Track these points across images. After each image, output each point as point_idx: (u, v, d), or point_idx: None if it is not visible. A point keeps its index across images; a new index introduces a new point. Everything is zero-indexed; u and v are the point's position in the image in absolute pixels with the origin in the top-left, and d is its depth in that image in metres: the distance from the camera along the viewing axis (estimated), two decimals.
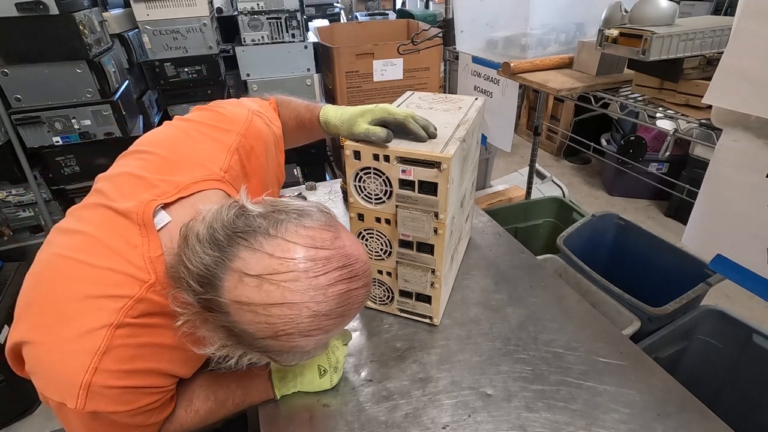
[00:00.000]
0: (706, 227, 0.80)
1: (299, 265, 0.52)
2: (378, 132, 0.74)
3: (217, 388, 0.73)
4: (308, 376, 0.76)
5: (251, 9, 2.07)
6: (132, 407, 0.58)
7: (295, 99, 0.91)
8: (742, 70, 0.64)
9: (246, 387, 0.75)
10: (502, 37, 1.30)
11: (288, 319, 0.51)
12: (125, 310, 0.55)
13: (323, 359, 0.76)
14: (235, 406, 0.74)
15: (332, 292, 0.53)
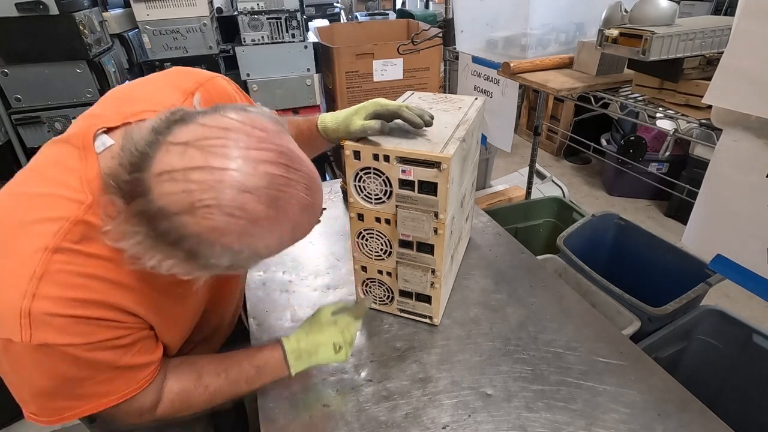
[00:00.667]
0: (706, 227, 0.80)
1: (231, 134, 0.48)
2: (372, 124, 0.76)
3: (228, 365, 0.72)
4: (323, 354, 0.75)
5: (251, 9, 2.06)
6: (89, 340, 0.54)
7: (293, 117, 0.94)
8: (742, 70, 0.64)
9: (260, 367, 0.73)
10: (502, 37, 1.30)
11: (207, 185, 0.45)
12: (62, 233, 0.51)
13: (338, 336, 0.75)
14: (248, 385, 0.72)
15: (263, 169, 0.48)
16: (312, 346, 0.74)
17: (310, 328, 0.76)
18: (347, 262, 1.11)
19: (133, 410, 0.64)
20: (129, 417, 0.65)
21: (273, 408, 0.76)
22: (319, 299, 1.00)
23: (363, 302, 0.82)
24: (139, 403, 0.64)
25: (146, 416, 0.66)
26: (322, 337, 0.75)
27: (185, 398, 0.68)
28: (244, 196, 0.46)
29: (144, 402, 0.64)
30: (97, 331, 0.55)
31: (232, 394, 0.72)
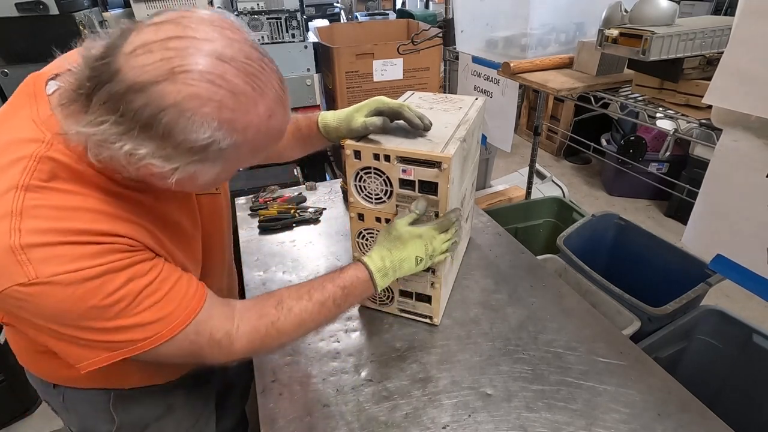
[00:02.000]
0: (706, 227, 0.80)
1: (205, 18, 0.49)
2: (374, 121, 0.77)
3: (311, 288, 0.69)
4: (406, 268, 0.74)
5: (251, 9, 2.07)
6: (99, 262, 0.51)
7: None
8: (742, 70, 0.64)
9: (346, 287, 0.70)
10: (502, 37, 1.30)
11: (187, 52, 0.45)
12: (29, 172, 0.50)
13: (421, 250, 0.74)
14: (336, 306, 0.69)
15: (240, 46, 0.49)
16: (397, 263, 0.73)
17: (393, 245, 0.73)
18: (347, 262, 1.11)
19: (205, 340, 0.60)
20: (209, 350, 0.61)
21: (273, 408, 0.76)
22: None
23: (448, 214, 0.77)
24: (207, 328, 0.60)
25: (226, 349, 0.62)
26: (405, 253, 0.73)
27: (268, 323, 0.64)
28: (224, 65, 0.47)
29: (213, 328, 0.61)
30: (102, 253, 0.52)
31: (322, 317, 0.68)
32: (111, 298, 0.52)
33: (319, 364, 0.83)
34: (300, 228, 1.26)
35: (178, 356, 0.60)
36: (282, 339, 0.66)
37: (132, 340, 0.55)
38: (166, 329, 0.57)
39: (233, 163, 0.55)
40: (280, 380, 0.80)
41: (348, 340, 0.89)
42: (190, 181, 0.54)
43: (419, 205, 0.76)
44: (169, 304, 0.57)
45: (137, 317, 0.55)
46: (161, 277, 0.57)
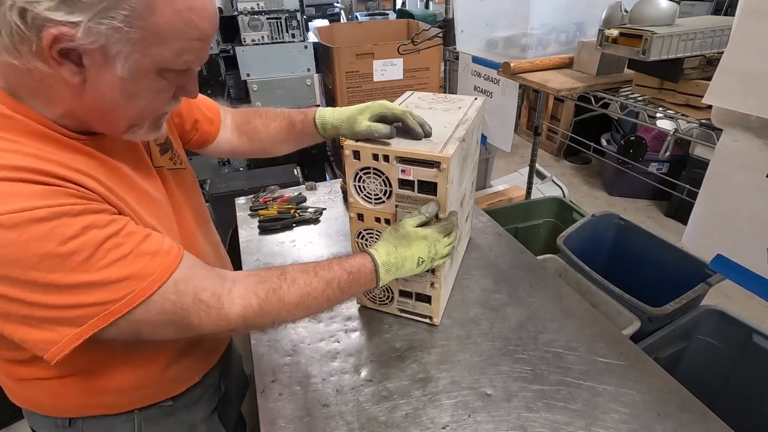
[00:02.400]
0: (706, 227, 0.80)
1: None
2: (381, 129, 0.76)
3: (317, 266, 0.66)
4: (408, 268, 0.73)
5: (251, 9, 2.07)
6: (46, 203, 0.46)
7: (282, 108, 0.93)
8: (742, 70, 0.64)
9: (352, 272, 0.68)
10: (502, 37, 1.30)
11: None
12: None
13: (424, 252, 0.73)
14: (340, 290, 0.67)
15: None
16: (400, 261, 0.72)
17: (399, 243, 0.73)
18: None
19: (189, 300, 0.55)
20: (196, 312, 0.55)
21: (273, 408, 0.76)
22: None
23: (451, 217, 0.77)
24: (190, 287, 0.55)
25: (216, 311, 0.56)
26: (410, 252, 0.72)
27: (269, 289, 0.60)
28: None
29: (198, 287, 0.56)
30: (51, 194, 0.47)
31: (324, 298, 0.65)
32: (67, 246, 0.47)
33: (319, 364, 0.83)
34: (300, 228, 1.26)
35: (161, 323, 0.54)
36: (282, 312, 0.61)
37: (101, 302, 0.49)
38: (139, 287, 0.51)
39: (154, 45, 0.48)
40: (280, 380, 0.80)
41: (348, 340, 0.89)
42: (109, 75, 0.48)
43: (430, 208, 0.75)
44: (139, 260, 0.52)
45: (102, 272, 0.49)
46: (126, 230, 0.52)
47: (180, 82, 0.56)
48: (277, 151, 0.93)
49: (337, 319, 0.94)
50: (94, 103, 0.51)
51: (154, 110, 0.57)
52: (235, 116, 0.93)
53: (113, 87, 0.50)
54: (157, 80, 0.53)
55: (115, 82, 0.50)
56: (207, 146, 0.89)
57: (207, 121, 0.87)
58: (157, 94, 0.55)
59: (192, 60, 0.53)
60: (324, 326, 0.92)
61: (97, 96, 0.50)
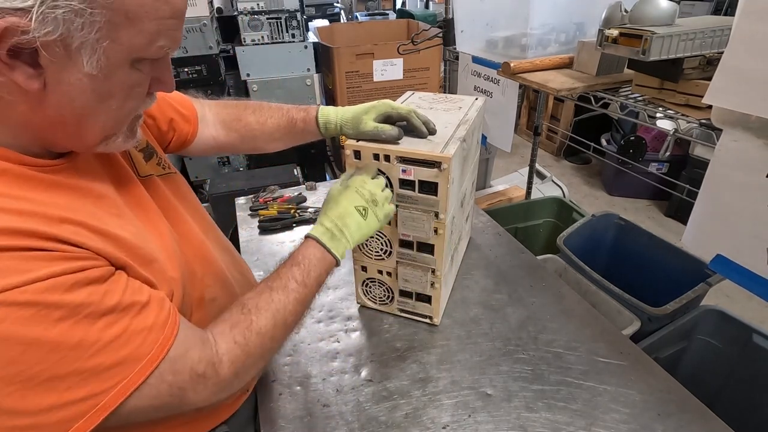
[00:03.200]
0: (706, 227, 0.80)
1: None
2: (388, 130, 0.75)
3: (266, 281, 0.62)
4: (352, 223, 0.69)
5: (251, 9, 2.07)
6: (36, 276, 0.38)
7: (277, 103, 0.88)
8: (742, 70, 0.64)
9: (299, 263, 0.64)
10: (502, 37, 1.30)
11: None
12: None
13: (356, 198, 0.70)
14: (303, 285, 0.62)
15: None
16: (338, 220, 0.68)
17: (328, 208, 0.70)
18: (347, 262, 1.10)
19: (186, 378, 0.49)
20: (194, 389, 0.50)
21: (273, 408, 0.76)
22: (319, 299, 1.00)
23: (370, 164, 0.76)
24: (187, 364, 0.49)
25: (213, 380, 0.51)
26: (342, 207, 0.69)
27: (244, 330, 0.55)
28: None
29: (193, 361, 0.50)
30: (37, 264, 0.39)
31: (293, 302, 0.61)
32: (56, 330, 0.39)
33: (319, 364, 0.83)
34: (300, 228, 1.26)
35: (154, 408, 0.47)
36: (265, 343, 0.57)
37: (89, 395, 0.41)
38: (132, 371, 0.44)
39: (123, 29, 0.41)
40: (280, 380, 0.80)
41: (348, 340, 0.89)
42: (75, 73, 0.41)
43: (372, 164, 0.74)
44: (134, 338, 0.45)
45: (94, 358, 0.41)
46: (123, 302, 0.45)
47: (155, 74, 0.49)
48: (270, 148, 0.90)
49: (337, 319, 0.94)
50: (59, 112, 0.43)
51: (129, 111, 0.49)
52: (220, 112, 0.87)
53: (81, 88, 0.42)
54: (131, 73, 0.45)
55: (83, 81, 0.42)
56: (187, 146, 0.82)
57: (183, 119, 0.79)
58: (132, 89, 0.47)
59: (167, 45, 0.45)
60: (324, 326, 0.92)
61: (61, 103, 0.42)
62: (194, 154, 0.87)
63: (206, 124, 0.84)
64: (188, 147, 0.83)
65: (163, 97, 0.76)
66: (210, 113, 0.86)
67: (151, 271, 0.51)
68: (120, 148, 0.52)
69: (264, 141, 0.88)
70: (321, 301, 0.99)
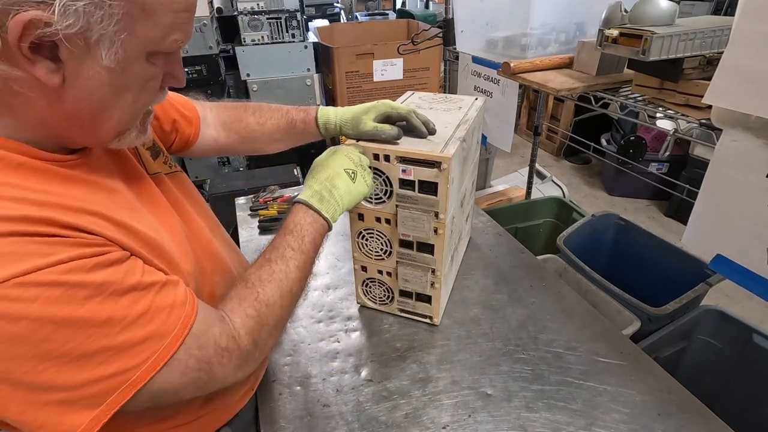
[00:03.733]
0: (706, 227, 0.80)
1: None
2: (387, 129, 0.74)
3: (262, 255, 0.63)
4: (342, 185, 0.68)
5: (251, 9, 2.07)
6: (56, 259, 0.40)
7: (276, 105, 0.89)
8: (742, 70, 0.64)
9: (292, 230, 0.64)
10: (502, 37, 1.30)
11: None
12: None
13: (345, 161, 0.70)
14: (300, 252, 0.62)
15: None
16: (327, 182, 0.67)
17: (315, 171, 0.70)
18: (347, 262, 1.11)
19: (212, 352, 0.50)
20: (219, 362, 0.51)
21: (273, 408, 0.76)
22: (319, 299, 1.00)
23: (356, 145, 0.76)
24: (210, 338, 0.51)
25: (236, 353, 0.53)
26: (329, 170, 0.69)
27: (252, 302, 0.56)
28: None
29: (216, 336, 0.51)
30: (59, 247, 0.41)
31: (293, 268, 0.61)
32: (85, 308, 0.41)
33: (319, 364, 0.83)
34: None
35: (184, 385, 0.49)
36: (275, 312, 0.58)
37: (121, 371, 0.43)
38: (161, 346, 0.46)
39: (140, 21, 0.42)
40: (280, 380, 0.80)
41: (348, 340, 0.89)
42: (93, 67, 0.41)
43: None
44: (159, 315, 0.46)
45: (123, 334, 0.43)
46: (144, 280, 0.46)
47: (167, 68, 0.50)
48: (271, 149, 0.90)
49: (337, 319, 0.94)
50: (76, 107, 0.44)
51: (143, 105, 0.50)
52: (221, 113, 0.87)
53: (99, 82, 0.43)
54: (146, 66, 0.46)
55: (101, 75, 0.42)
56: (189, 148, 0.84)
57: (185, 120, 0.81)
58: (146, 83, 0.48)
59: (180, 38, 0.46)
60: (324, 326, 0.92)
61: (79, 97, 0.43)
62: (195, 155, 0.88)
63: (207, 126, 0.85)
64: (190, 148, 0.84)
65: (166, 98, 0.76)
66: (211, 115, 0.86)
67: (164, 262, 0.52)
68: (132, 143, 0.53)
69: (264, 142, 0.88)
70: (321, 301, 0.99)
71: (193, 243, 0.63)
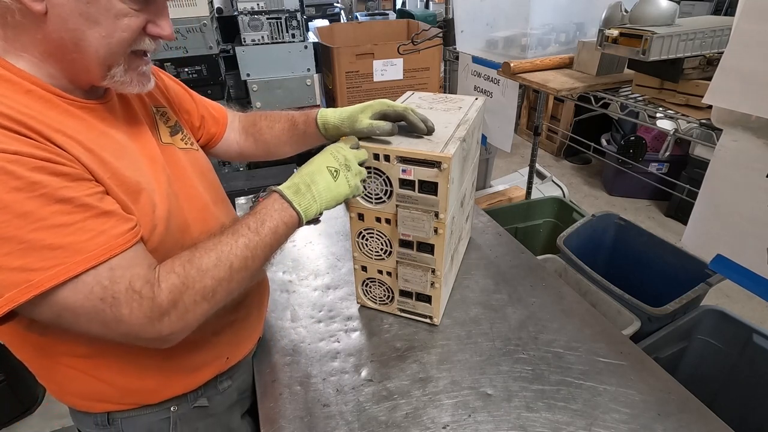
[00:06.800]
0: (706, 227, 0.80)
1: None
2: (383, 125, 0.75)
3: (222, 227, 0.62)
4: (321, 181, 0.67)
5: (251, 9, 2.06)
6: (5, 147, 0.45)
7: (286, 111, 0.93)
8: (742, 70, 0.64)
9: (257, 212, 0.63)
10: (502, 37, 1.30)
11: None
12: None
13: (329, 159, 0.69)
14: (255, 233, 0.61)
15: None
16: (307, 176, 0.67)
17: (301, 167, 0.70)
18: (347, 262, 1.11)
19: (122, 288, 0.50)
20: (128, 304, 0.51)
21: (273, 408, 0.76)
22: (319, 299, 1.00)
23: (352, 137, 0.76)
24: (127, 275, 0.51)
25: (148, 302, 0.52)
26: (314, 165, 0.69)
27: (184, 261, 0.56)
28: None
29: (134, 276, 0.51)
30: (14, 143, 0.46)
31: (241, 247, 0.60)
32: (8, 196, 0.44)
33: (319, 364, 0.83)
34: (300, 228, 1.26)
35: (86, 312, 0.49)
36: (206, 280, 0.56)
37: (26, 268, 0.45)
38: (71, 261, 0.47)
39: None
40: (280, 380, 0.80)
41: (348, 340, 0.89)
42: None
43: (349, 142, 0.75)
44: (81, 233, 0.48)
45: (36, 233, 0.45)
46: (81, 201, 0.49)
47: (149, 16, 0.55)
48: (281, 153, 0.93)
49: (337, 319, 0.94)
50: (60, 35, 0.51)
51: (120, 42, 0.54)
52: (243, 119, 0.94)
53: (70, 10, 0.50)
54: (113, 2, 0.52)
55: (72, 3, 0.50)
56: (213, 147, 0.90)
57: (212, 119, 0.88)
58: (118, 19, 0.53)
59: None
60: (324, 326, 0.92)
61: (59, 25, 0.50)
62: (220, 156, 0.94)
63: (233, 130, 0.92)
64: (214, 147, 0.91)
65: (200, 99, 0.88)
66: (238, 121, 0.95)
67: (133, 200, 0.56)
68: (128, 86, 0.58)
69: (274, 145, 0.92)
70: (321, 301, 0.99)
71: (183, 201, 0.66)
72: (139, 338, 0.54)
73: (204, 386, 0.75)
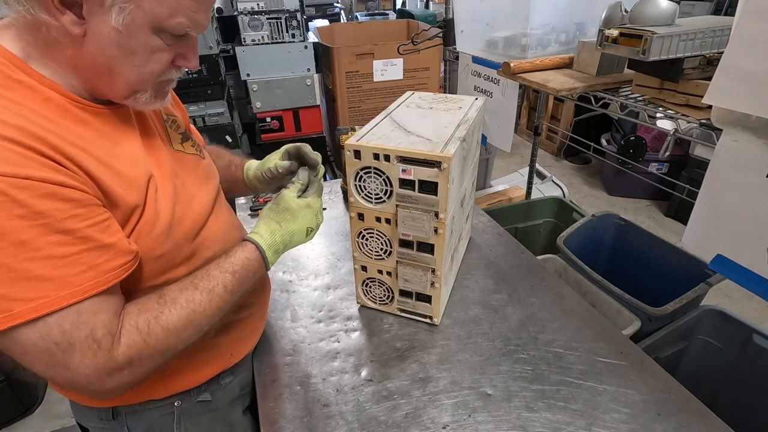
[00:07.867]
0: (706, 227, 0.80)
1: None
2: (283, 164, 0.81)
3: (194, 278, 0.61)
4: (298, 241, 0.73)
5: (251, 9, 2.06)
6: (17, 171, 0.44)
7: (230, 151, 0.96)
8: (742, 70, 0.64)
9: (236, 271, 0.64)
10: (502, 37, 1.30)
11: None
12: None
13: (312, 220, 0.74)
14: (228, 292, 0.62)
15: None
16: (287, 236, 0.70)
17: (282, 218, 0.71)
18: (347, 262, 1.11)
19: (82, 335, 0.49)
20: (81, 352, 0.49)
21: (273, 408, 0.76)
22: (319, 299, 1.00)
23: (318, 176, 0.79)
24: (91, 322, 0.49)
25: (104, 353, 0.50)
26: (296, 225, 0.71)
27: (150, 319, 0.55)
28: None
29: (98, 323, 0.50)
30: (29, 164, 0.45)
31: (214, 307, 0.60)
32: (9, 224, 0.44)
33: (319, 364, 0.83)
34: None
35: (35, 352, 0.48)
36: (169, 339, 0.56)
37: (7, 296, 0.45)
38: (55, 294, 0.46)
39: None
40: (280, 380, 0.81)
41: (348, 340, 0.89)
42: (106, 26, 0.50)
43: (301, 175, 0.76)
44: (75, 266, 0.48)
45: (29, 263, 0.45)
46: (83, 234, 0.48)
47: (179, 50, 0.58)
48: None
49: (337, 319, 0.94)
50: (94, 58, 0.52)
51: (152, 72, 0.56)
52: None
53: (110, 40, 0.51)
54: (152, 38, 0.53)
55: (111, 34, 0.51)
56: None
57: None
58: (153, 53, 0.55)
59: (187, 24, 0.54)
60: (324, 326, 0.92)
61: (96, 50, 0.52)
62: None
63: None
64: None
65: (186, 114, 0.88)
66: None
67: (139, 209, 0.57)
68: (148, 105, 0.61)
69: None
70: (321, 301, 0.99)
71: (189, 210, 0.66)
72: (79, 387, 0.51)
73: (207, 381, 0.76)
